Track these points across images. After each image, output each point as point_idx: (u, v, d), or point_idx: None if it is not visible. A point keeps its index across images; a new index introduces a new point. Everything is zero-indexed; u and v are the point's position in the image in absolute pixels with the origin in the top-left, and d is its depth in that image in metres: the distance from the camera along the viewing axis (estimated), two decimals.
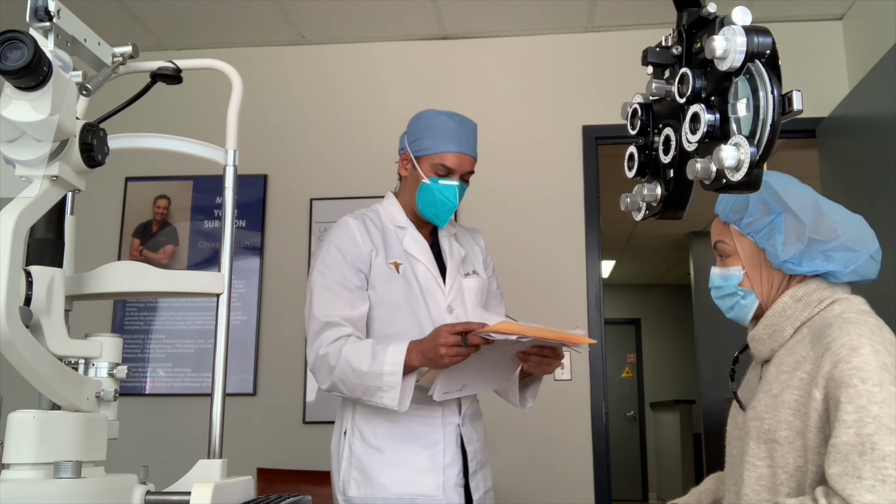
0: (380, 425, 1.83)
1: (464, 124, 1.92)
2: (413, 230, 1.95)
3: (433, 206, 1.89)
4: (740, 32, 0.97)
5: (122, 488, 0.85)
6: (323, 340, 1.78)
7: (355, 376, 1.72)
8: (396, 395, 1.70)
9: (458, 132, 1.90)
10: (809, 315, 1.34)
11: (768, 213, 1.37)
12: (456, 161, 1.88)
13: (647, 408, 9.20)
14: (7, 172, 0.87)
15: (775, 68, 0.96)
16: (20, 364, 0.78)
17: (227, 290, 1.00)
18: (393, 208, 1.98)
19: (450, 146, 1.88)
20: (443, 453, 1.83)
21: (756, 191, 1.01)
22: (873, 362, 1.16)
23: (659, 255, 8.06)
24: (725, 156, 0.97)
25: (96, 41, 0.99)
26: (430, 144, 1.88)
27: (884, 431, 1.11)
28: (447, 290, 1.92)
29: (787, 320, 1.36)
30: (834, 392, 1.18)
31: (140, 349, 3.45)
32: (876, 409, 1.13)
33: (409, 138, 1.95)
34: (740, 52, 0.96)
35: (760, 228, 1.37)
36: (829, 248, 1.34)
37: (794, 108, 0.94)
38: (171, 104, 3.47)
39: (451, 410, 1.88)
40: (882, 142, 2.71)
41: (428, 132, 1.89)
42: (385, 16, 3.46)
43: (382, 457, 1.80)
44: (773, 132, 0.95)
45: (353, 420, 1.86)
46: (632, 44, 3.50)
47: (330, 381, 1.77)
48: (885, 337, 1.23)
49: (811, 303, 1.34)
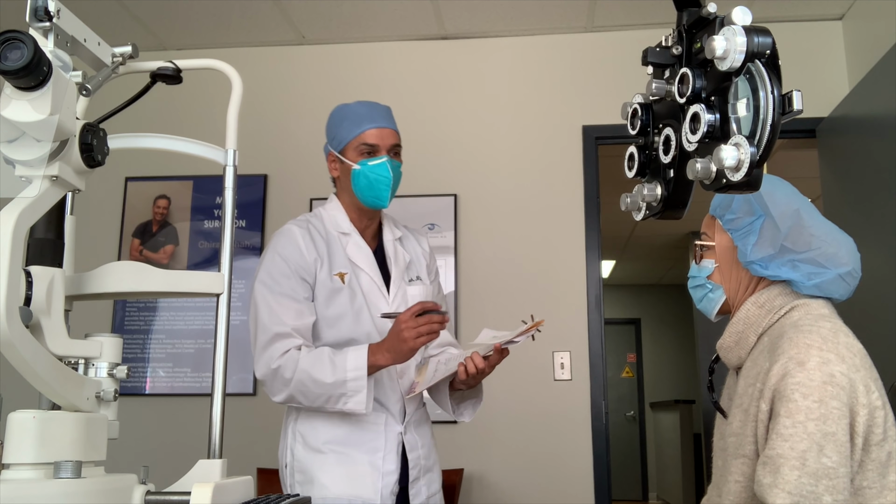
0: (322, 430, 1.82)
1: (374, 106, 1.93)
2: (357, 237, 1.93)
3: (370, 189, 1.86)
4: (740, 32, 0.97)
5: (122, 488, 0.85)
6: (273, 353, 1.75)
7: (316, 386, 1.72)
8: (363, 399, 1.72)
9: (370, 112, 1.90)
10: (770, 322, 1.35)
11: (751, 214, 1.39)
12: (376, 135, 1.87)
13: (647, 408, 9.20)
14: (7, 172, 0.87)
15: (775, 68, 0.96)
16: (20, 364, 0.78)
17: (227, 290, 1.00)
18: (336, 213, 1.95)
19: (365, 125, 1.88)
20: (383, 459, 1.82)
21: (756, 191, 1.01)
22: (818, 377, 1.17)
23: (659, 255, 8.06)
24: (725, 156, 0.98)
25: (96, 41, 0.99)
26: (347, 132, 1.89)
27: (815, 449, 1.14)
28: (391, 299, 1.90)
29: (751, 327, 1.37)
30: (776, 405, 1.20)
31: (140, 349, 3.45)
32: (812, 426, 1.15)
33: (328, 139, 1.95)
34: (740, 52, 0.97)
35: (741, 227, 1.39)
36: (798, 258, 1.35)
37: (794, 108, 0.94)
38: (171, 104, 3.47)
39: (393, 418, 1.87)
40: (882, 142, 2.71)
41: (342, 123, 1.90)
42: (385, 16, 3.46)
43: (324, 458, 1.80)
44: (773, 132, 0.95)
45: (296, 425, 1.85)
46: (632, 44, 3.50)
47: (286, 393, 1.75)
48: (838, 342, 1.22)
49: (772, 309, 1.36)
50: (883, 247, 2.61)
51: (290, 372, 1.74)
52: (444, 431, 3.30)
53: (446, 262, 3.40)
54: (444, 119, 3.59)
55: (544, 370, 3.31)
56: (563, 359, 3.31)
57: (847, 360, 1.20)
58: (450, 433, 3.26)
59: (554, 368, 3.31)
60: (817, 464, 1.13)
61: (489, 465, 3.25)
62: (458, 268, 3.41)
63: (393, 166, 1.88)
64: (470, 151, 3.55)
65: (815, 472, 1.13)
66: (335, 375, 1.72)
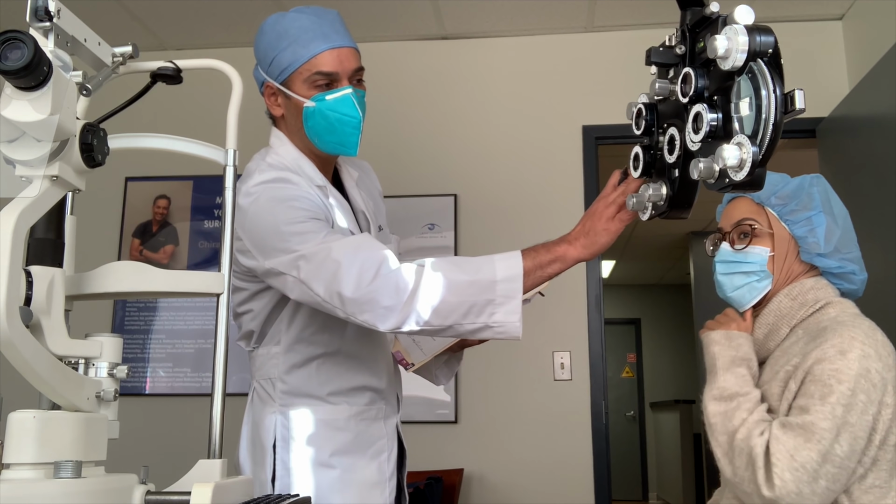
0: (321, 433, 1.44)
1: (322, 15, 1.46)
2: (333, 190, 1.52)
3: (333, 133, 1.43)
4: (742, 32, 0.97)
5: (122, 488, 0.85)
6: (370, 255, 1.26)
7: (454, 291, 1.24)
8: (517, 308, 1.27)
9: (318, 25, 1.44)
10: (804, 315, 1.36)
11: (809, 209, 1.38)
12: (333, 60, 1.42)
13: (647, 408, 9.20)
14: (7, 172, 0.87)
15: (778, 67, 0.96)
16: (20, 364, 0.78)
17: (227, 290, 1.00)
18: (301, 162, 1.49)
19: (316, 45, 1.42)
20: (388, 461, 1.51)
21: (759, 190, 1.02)
22: (855, 368, 1.19)
23: (659, 255, 8.06)
24: (728, 155, 0.98)
25: (96, 41, 0.99)
26: (291, 55, 1.42)
27: (832, 433, 1.16)
28: None
29: (783, 319, 1.37)
30: (807, 385, 1.22)
31: (140, 349, 3.45)
32: (839, 411, 1.17)
33: (260, 63, 1.49)
34: (742, 52, 0.97)
35: (800, 219, 1.38)
36: (846, 257, 1.38)
37: (796, 108, 0.94)
38: (171, 104, 3.46)
39: (391, 406, 1.55)
40: (882, 142, 2.71)
41: (281, 43, 1.44)
42: (385, 16, 3.46)
43: (332, 474, 1.42)
44: (775, 131, 0.95)
45: (286, 429, 1.45)
46: (632, 44, 3.51)
47: (405, 310, 1.25)
48: (877, 339, 1.25)
49: (806, 303, 1.37)
50: (883, 247, 2.61)
51: (411, 274, 1.26)
52: (445, 431, 3.30)
53: None
54: (444, 119, 3.59)
55: (544, 370, 3.31)
56: (563, 359, 3.31)
57: (883, 358, 1.22)
58: (450, 433, 3.26)
59: (554, 368, 3.31)
60: (829, 447, 1.15)
61: (489, 465, 3.24)
62: None
63: (359, 99, 1.45)
64: (470, 151, 3.55)
65: (824, 454, 1.15)
66: (479, 274, 1.27)
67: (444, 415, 3.29)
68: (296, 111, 1.46)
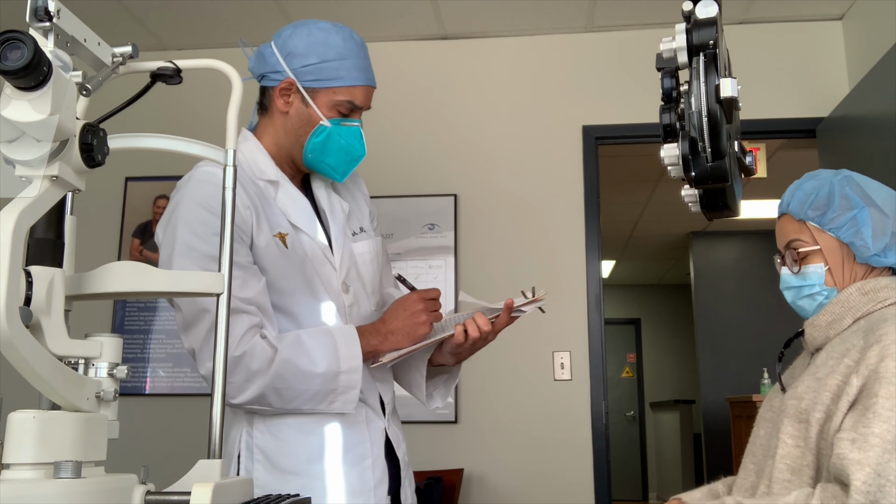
0: (291, 439, 1.38)
1: (361, 44, 1.47)
2: (288, 184, 1.46)
3: (334, 156, 1.45)
4: (680, 30, 0.98)
5: (122, 488, 0.85)
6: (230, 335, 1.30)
7: (300, 380, 1.32)
8: (354, 397, 1.36)
9: (362, 58, 1.45)
10: (870, 309, 1.34)
11: (850, 209, 1.35)
12: (366, 97, 1.46)
13: (647, 408, 9.20)
14: (7, 172, 0.87)
15: (715, 59, 0.97)
16: (20, 364, 0.78)
17: (227, 290, 1.00)
18: (256, 155, 1.45)
19: (360, 77, 1.43)
20: (371, 468, 1.42)
21: (727, 183, 1.03)
22: None
23: (659, 255, 8.06)
24: (665, 154, 1.00)
25: (96, 41, 0.99)
26: (334, 74, 1.41)
27: None
28: (337, 262, 1.46)
29: (849, 311, 1.35)
30: (872, 384, 1.19)
31: (140, 349, 3.45)
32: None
33: (294, 60, 1.42)
34: (682, 49, 0.98)
35: (843, 224, 1.36)
36: None
37: (726, 95, 0.94)
38: (171, 104, 3.46)
39: (373, 411, 1.47)
40: (882, 142, 2.71)
41: (329, 54, 1.41)
42: (385, 16, 3.46)
43: (300, 482, 1.35)
44: (713, 121, 0.95)
45: (250, 437, 1.39)
46: (632, 44, 3.52)
47: (253, 391, 1.31)
48: None
49: (876, 298, 1.34)
50: None
51: (259, 362, 1.30)
52: (445, 431, 3.30)
53: (446, 262, 3.40)
54: (444, 119, 3.59)
55: (544, 370, 3.31)
56: (563, 359, 3.31)
57: None
58: (450, 433, 3.26)
59: (554, 368, 3.31)
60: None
61: (489, 465, 3.24)
62: (458, 268, 3.41)
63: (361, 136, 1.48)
64: (470, 151, 3.55)
65: None
66: (326, 365, 1.33)
67: (444, 415, 3.29)
68: (306, 119, 1.44)
